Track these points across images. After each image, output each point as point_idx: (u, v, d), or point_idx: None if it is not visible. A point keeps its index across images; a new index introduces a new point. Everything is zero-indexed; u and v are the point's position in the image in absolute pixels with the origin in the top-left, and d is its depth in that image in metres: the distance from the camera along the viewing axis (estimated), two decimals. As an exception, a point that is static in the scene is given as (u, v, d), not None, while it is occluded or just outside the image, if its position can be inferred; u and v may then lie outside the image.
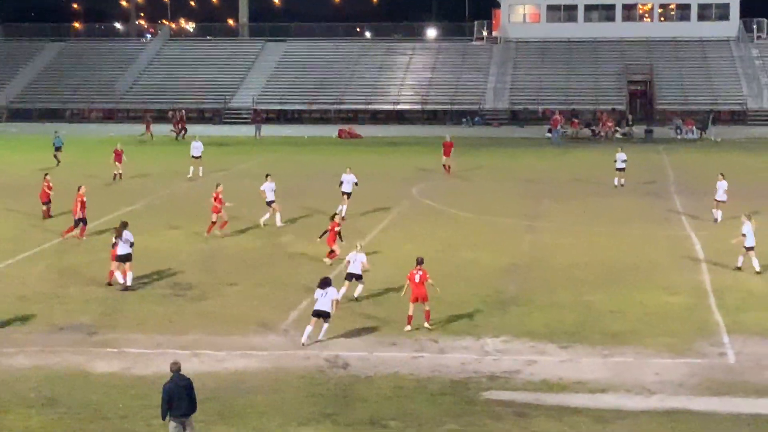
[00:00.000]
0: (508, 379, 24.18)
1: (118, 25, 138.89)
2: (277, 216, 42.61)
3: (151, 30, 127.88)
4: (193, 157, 58.48)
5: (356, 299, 30.71)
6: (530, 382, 24.01)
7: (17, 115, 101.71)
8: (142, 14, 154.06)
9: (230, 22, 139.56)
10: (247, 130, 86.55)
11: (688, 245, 39.21)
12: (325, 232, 35.83)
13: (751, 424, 21.74)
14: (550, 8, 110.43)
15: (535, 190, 53.47)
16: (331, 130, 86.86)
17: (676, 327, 28.33)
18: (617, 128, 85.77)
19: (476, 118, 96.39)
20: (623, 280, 33.60)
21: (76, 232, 39.96)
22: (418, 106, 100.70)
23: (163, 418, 19.42)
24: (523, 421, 21.69)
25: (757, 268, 34.07)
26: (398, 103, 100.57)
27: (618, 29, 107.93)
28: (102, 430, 21.22)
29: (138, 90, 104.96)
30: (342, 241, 35.46)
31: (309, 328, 26.81)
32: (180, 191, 52.95)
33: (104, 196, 49.75)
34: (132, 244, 32.28)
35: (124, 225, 32.54)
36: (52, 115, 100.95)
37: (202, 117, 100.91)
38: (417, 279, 27.87)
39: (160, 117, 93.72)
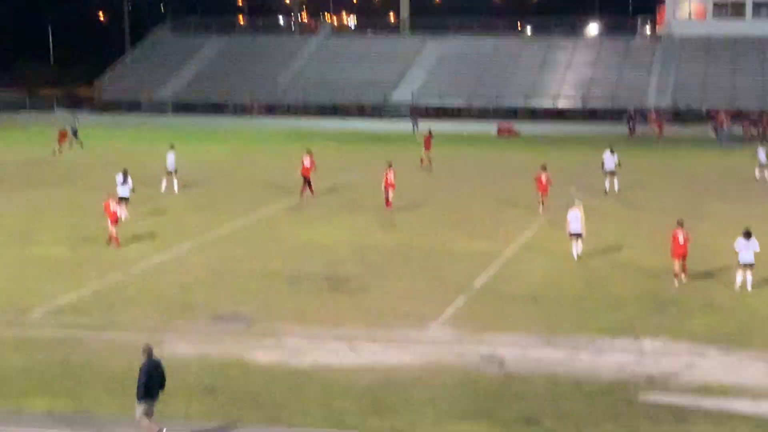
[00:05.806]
0: (666, 382, 23.72)
1: (280, 20, 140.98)
2: None
3: (312, 24, 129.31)
4: None
5: (578, 257, 34.86)
6: (689, 385, 23.50)
7: (182, 108, 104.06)
8: (305, 8, 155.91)
9: (391, 17, 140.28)
10: (405, 126, 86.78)
11: None
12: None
13: None
14: (717, 5, 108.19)
15: (697, 190, 52.38)
16: (490, 127, 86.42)
17: (843, 334, 27.43)
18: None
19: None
20: (789, 284, 32.64)
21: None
22: (578, 104, 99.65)
23: (140, 399, 19.76)
24: (681, 424, 21.26)
25: None
26: (558, 101, 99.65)
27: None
28: (259, 419, 21.56)
29: (299, 85, 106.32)
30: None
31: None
32: (340, 184, 53.35)
33: (268, 188, 50.52)
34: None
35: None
36: (216, 109, 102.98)
37: (362, 112, 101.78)
38: (681, 240, 31.52)
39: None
